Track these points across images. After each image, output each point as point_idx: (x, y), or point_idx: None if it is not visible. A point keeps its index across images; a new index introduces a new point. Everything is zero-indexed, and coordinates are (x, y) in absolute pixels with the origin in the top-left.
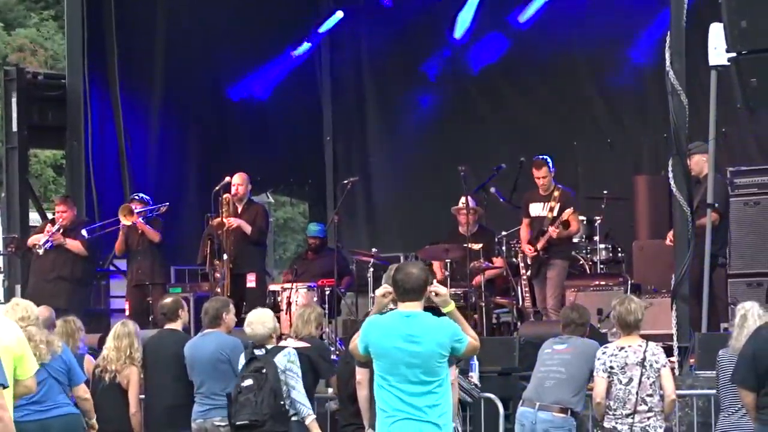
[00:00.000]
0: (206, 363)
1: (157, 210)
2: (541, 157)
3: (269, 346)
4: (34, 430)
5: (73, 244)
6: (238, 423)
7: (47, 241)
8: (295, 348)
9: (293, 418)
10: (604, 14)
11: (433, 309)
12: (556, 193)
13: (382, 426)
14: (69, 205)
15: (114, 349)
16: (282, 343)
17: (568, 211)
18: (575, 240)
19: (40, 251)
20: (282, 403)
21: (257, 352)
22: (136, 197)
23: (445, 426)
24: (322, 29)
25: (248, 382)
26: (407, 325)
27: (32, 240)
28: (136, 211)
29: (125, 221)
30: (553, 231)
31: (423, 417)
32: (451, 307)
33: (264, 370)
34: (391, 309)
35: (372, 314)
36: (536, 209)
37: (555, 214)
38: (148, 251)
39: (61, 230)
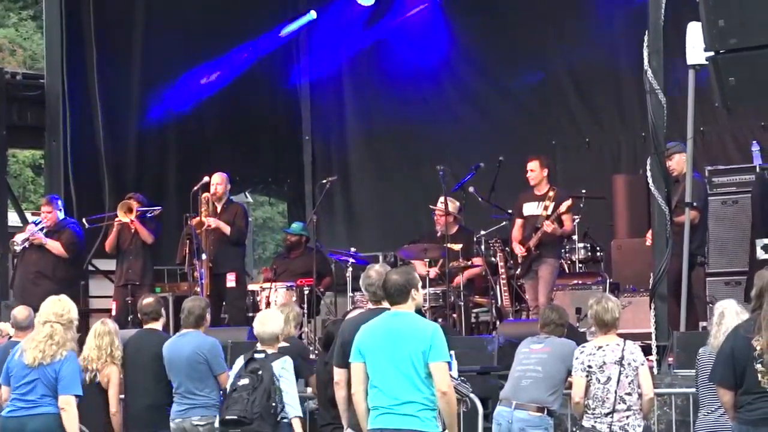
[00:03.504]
0: (184, 363)
1: (151, 212)
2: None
3: (270, 351)
4: (12, 426)
5: (53, 245)
6: (227, 417)
7: (26, 239)
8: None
9: (284, 420)
10: (581, 13)
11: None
12: (551, 193)
13: (370, 420)
14: (54, 207)
15: (95, 348)
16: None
17: (567, 202)
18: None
19: (17, 248)
20: (273, 404)
21: (257, 355)
22: (133, 196)
23: (426, 419)
24: (291, 27)
25: (244, 381)
26: (393, 323)
27: (14, 239)
28: (135, 209)
29: (124, 218)
30: (548, 225)
31: (404, 411)
32: None
33: (260, 372)
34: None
35: None
36: (530, 209)
37: (549, 212)
38: (139, 251)
39: (44, 230)
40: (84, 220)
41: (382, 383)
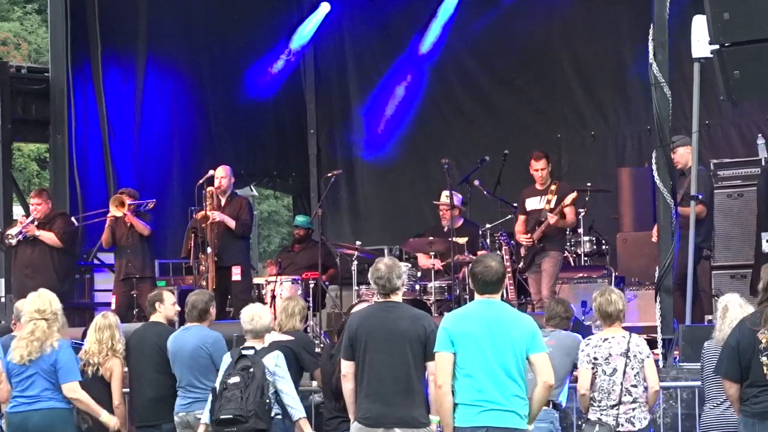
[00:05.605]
0: (187, 357)
1: (145, 205)
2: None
3: (258, 346)
4: (16, 422)
5: (47, 236)
6: (222, 417)
7: (19, 233)
8: (279, 341)
9: (277, 416)
10: (585, 6)
11: (419, 302)
12: (553, 187)
13: (463, 417)
14: (44, 198)
15: (96, 341)
16: (266, 336)
17: (572, 195)
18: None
19: (13, 242)
20: (267, 401)
21: (245, 352)
22: (125, 190)
23: (525, 417)
24: (312, 26)
25: (235, 379)
26: (490, 312)
27: (7, 232)
28: (127, 203)
29: (116, 212)
30: (551, 217)
31: (510, 407)
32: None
33: (252, 369)
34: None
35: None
36: (533, 203)
37: (552, 205)
38: (138, 245)
39: (36, 223)
40: (73, 219)
41: (484, 374)
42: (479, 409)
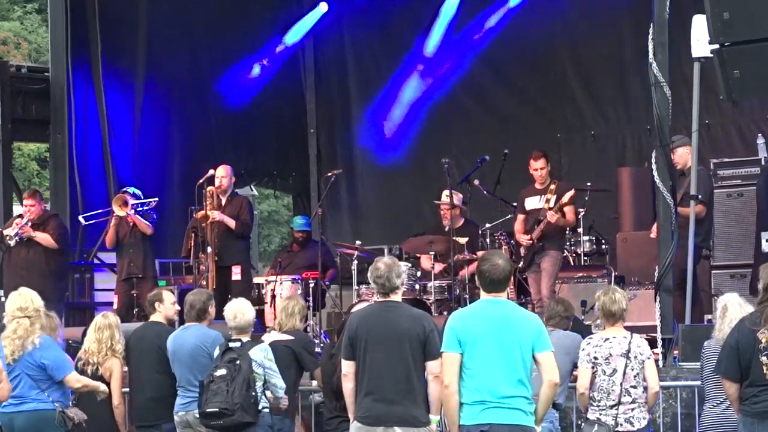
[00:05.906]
0: (187, 356)
1: (147, 204)
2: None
3: (245, 339)
4: (5, 422)
5: (43, 237)
6: (208, 410)
7: (17, 234)
8: (279, 341)
9: (265, 409)
10: (586, 7)
11: (419, 302)
12: (552, 187)
13: (468, 415)
14: (37, 199)
15: (95, 341)
16: (266, 336)
17: (570, 193)
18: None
19: (12, 243)
20: (253, 393)
21: (232, 344)
22: (128, 190)
23: (530, 414)
24: (307, 24)
25: (221, 371)
26: (498, 311)
27: (5, 233)
28: (130, 202)
29: (119, 212)
30: (552, 216)
31: (513, 404)
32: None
33: (238, 362)
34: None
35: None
36: (532, 203)
37: (551, 204)
38: (139, 244)
39: (30, 224)
40: (81, 218)
41: (489, 373)
42: (483, 406)
